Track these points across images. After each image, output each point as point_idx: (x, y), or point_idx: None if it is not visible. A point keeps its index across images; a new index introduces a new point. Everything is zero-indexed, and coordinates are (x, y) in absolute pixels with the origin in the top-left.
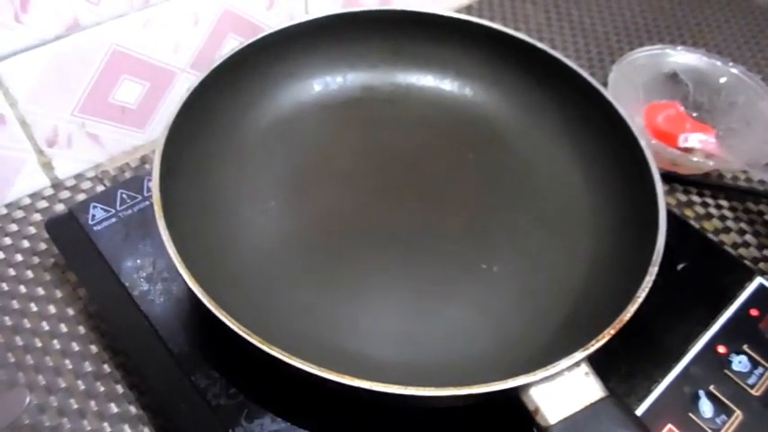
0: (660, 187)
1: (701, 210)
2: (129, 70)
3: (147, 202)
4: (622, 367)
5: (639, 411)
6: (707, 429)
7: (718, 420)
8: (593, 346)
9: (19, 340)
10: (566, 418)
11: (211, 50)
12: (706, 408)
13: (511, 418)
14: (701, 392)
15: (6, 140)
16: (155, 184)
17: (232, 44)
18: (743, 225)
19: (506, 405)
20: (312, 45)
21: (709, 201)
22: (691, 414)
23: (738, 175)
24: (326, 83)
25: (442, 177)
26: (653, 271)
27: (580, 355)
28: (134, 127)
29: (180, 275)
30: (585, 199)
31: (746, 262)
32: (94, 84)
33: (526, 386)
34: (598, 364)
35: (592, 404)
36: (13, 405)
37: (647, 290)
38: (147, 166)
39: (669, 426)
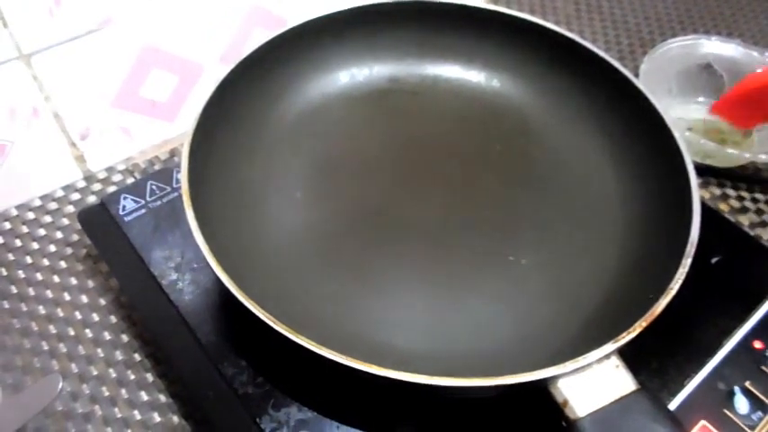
0: (694, 177)
1: (735, 203)
2: (159, 64)
3: (176, 194)
4: (654, 362)
5: (672, 406)
6: (742, 426)
7: (754, 417)
8: (624, 338)
9: (53, 329)
10: (595, 411)
11: (239, 44)
12: (741, 404)
13: (539, 411)
14: (737, 388)
15: (40, 133)
16: (183, 174)
17: (260, 37)
18: None
19: (535, 397)
20: (338, 37)
21: (745, 194)
22: (725, 410)
23: None
24: (353, 74)
25: (468, 169)
26: (686, 263)
27: (611, 347)
28: (164, 120)
29: (208, 265)
30: (616, 191)
31: None
32: (126, 77)
33: (555, 378)
34: (629, 357)
35: (623, 397)
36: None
37: (680, 282)
38: (176, 159)
39: (703, 422)
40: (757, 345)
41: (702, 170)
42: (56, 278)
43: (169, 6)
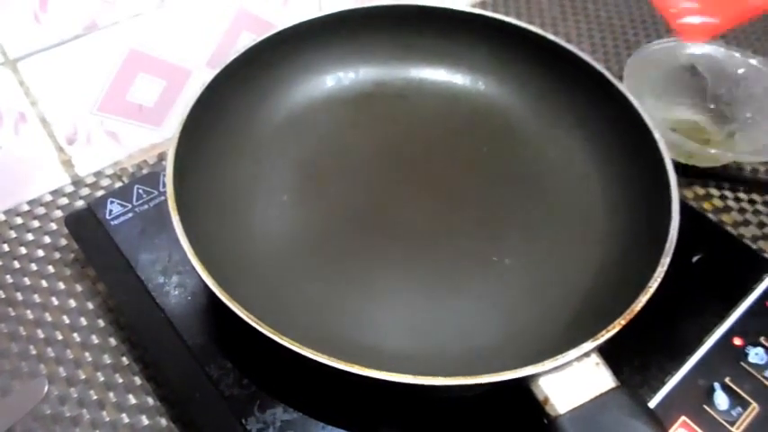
0: (673, 177)
1: (719, 203)
2: (145, 69)
3: (163, 197)
4: (636, 359)
5: (653, 403)
6: (722, 422)
7: (733, 413)
8: (603, 336)
9: (40, 333)
10: (575, 408)
11: (226, 48)
12: (721, 400)
13: (522, 409)
14: (717, 385)
15: (27, 138)
16: (169, 178)
17: (246, 41)
18: (763, 218)
19: (517, 395)
20: (325, 41)
21: (728, 193)
22: (705, 406)
23: (758, 167)
24: (339, 78)
25: (455, 171)
26: (665, 261)
27: (590, 345)
28: (151, 124)
29: (194, 268)
30: (599, 191)
31: (766, 254)
32: (112, 82)
33: (535, 376)
34: (611, 355)
35: (602, 394)
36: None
37: (658, 280)
38: (164, 163)
39: (683, 418)
40: (737, 341)
41: (686, 170)
42: (44, 283)
43: (155, 11)
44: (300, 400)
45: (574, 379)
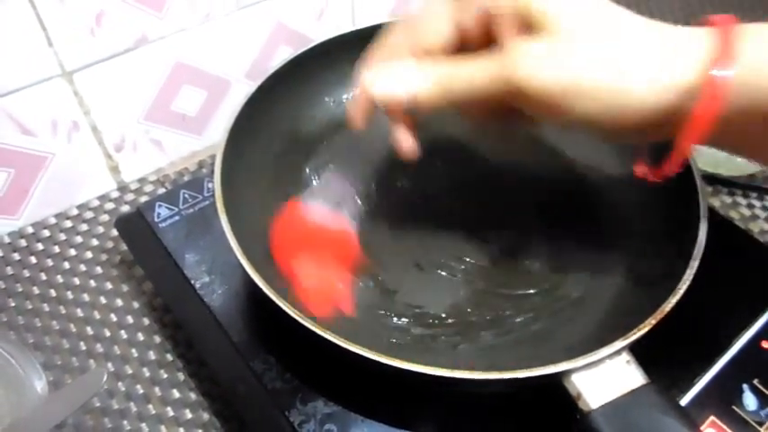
0: (701, 183)
1: (746, 211)
2: (189, 80)
3: (208, 202)
4: (665, 360)
5: (682, 403)
6: (750, 422)
7: (762, 413)
8: (633, 335)
9: (90, 330)
10: (607, 404)
11: (264, 60)
12: (750, 401)
13: (552, 406)
14: (745, 386)
15: (79, 146)
16: (217, 181)
17: (283, 54)
18: None
19: (549, 392)
20: (359, 54)
21: (755, 202)
22: (734, 407)
23: None
24: None
25: (483, 172)
26: (694, 264)
27: (621, 343)
28: (193, 133)
29: (238, 267)
30: (627, 196)
31: None
32: (159, 93)
33: (568, 372)
34: (641, 355)
35: (633, 390)
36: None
37: (688, 283)
38: (204, 170)
39: (712, 417)
40: (765, 345)
41: (713, 179)
42: (92, 282)
43: (200, 25)
44: (340, 394)
45: (605, 376)
